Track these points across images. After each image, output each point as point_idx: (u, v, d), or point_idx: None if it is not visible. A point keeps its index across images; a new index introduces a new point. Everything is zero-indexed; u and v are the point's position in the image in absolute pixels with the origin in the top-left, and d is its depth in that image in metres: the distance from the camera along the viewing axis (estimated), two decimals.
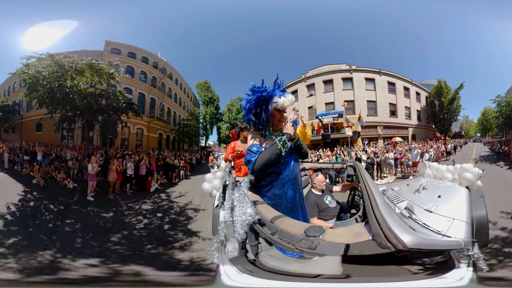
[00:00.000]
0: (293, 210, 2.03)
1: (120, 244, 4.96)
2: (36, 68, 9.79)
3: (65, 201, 7.69)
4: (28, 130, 12.57)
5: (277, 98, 1.85)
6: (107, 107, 11.15)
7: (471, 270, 1.36)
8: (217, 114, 19.68)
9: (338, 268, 1.46)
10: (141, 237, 5.44)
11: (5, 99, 12.78)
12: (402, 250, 1.18)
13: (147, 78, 14.69)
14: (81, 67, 10.43)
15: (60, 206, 7.28)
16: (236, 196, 1.61)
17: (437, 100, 17.20)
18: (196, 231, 5.58)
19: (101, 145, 12.42)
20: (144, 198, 8.38)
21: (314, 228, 1.36)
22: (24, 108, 12.85)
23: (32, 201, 7.52)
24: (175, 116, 17.07)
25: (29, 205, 7.28)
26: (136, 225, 6.19)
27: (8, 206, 6.78)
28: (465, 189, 3.15)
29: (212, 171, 5.09)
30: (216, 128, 19.77)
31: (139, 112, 13.33)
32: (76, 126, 11.61)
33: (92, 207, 7.22)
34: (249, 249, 1.66)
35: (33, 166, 9.83)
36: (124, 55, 13.82)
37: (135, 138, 14.04)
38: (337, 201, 3.27)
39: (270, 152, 1.78)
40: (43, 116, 10.86)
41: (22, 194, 7.85)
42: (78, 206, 7.31)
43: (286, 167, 1.98)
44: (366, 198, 1.62)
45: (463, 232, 2.02)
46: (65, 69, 10.06)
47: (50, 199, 7.73)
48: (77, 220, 6.25)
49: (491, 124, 19.63)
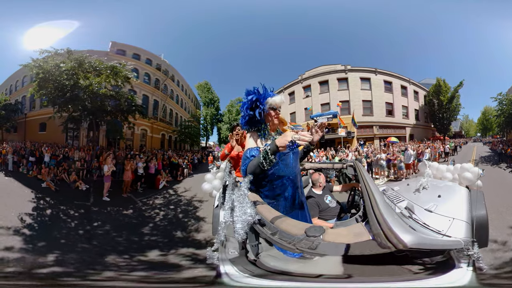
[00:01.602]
0: (293, 209, 2.04)
1: (154, 235, 5.81)
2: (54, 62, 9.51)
3: (83, 204, 7.55)
4: (31, 130, 12.27)
5: (269, 98, 1.96)
6: (115, 108, 11.22)
7: (471, 269, 1.36)
8: (217, 115, 20.05)
9: (339, 268, 1.47)
10: (166, 226, 6.41)
11: (8, 98, 12.46)
12: (403, 250, 1.18)
13: (150, 80, 14.92)
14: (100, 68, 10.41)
15: (80, 210, 7.12)
16: (236, 196, 1.62)
17: (435, 99, 16.77)
18: (203, 216, 6.68)
19: (107, 145, 12.45)
20: (155, 194, 9.04)
21: (315, 228, 1.36)
22: (27, 106, 12.57)
23: (48, 208, 6.99)
24: (176, 117, 17.52)
25: (46, 213, 6.70)
26: (155, 217, 7.00)
27: (21, 218, 6.01)
28: (465, 189, 3.15)
29: (212, 172, 5.09)
30: (217, 128, 20.19)
31: (146, 114, 13.71)
32: (82, 126, 11.51)
33: (111, 207, 7.49)
34: (249, 250, 1.66)
35: (40, 168, 9.28)
36: (129, 56, 13.98)
37: (139, 139, 14.34)
38: (337, 201, 3.28)
39: (255, 164, 1.74)
40: (52, 115, 10.62)
41: (34, 201, 7.29)
42: (97, 207, 7.40)
43: (286, 166, 1.99)
44: (366, 198, 1.62)
45: (463, 232, 2.02)
46: (83, 67, 9.93)
47: (66, 204, 7.34)
48: (104, 222, 6.42)
49: (491, 124, 19.36)
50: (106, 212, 7.12)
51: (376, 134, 16.52)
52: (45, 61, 9.54)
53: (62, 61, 9.69)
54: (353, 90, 16.62)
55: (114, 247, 4.87)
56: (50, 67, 9.46)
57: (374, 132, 16.53)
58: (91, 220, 6.49)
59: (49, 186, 8.45)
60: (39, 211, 6.76)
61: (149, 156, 11.00)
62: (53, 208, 7.10)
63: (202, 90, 19.58)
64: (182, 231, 5.94)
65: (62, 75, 9.52)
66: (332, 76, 17.05)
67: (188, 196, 8.68)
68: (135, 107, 12.11)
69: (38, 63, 9.49)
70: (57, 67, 9.51)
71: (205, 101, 19.75)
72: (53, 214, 6.74)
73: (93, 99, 10.09)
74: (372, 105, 16.57)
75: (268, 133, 2.03)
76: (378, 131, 16.60)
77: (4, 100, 12.11)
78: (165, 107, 16.10)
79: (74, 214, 6.86)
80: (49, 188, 8.39)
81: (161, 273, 3.80)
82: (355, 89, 16.63)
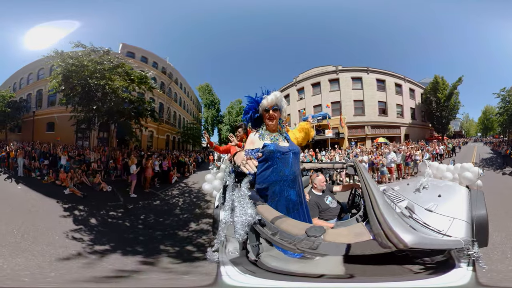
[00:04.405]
0: (293, 209, 2.04)
1: (183, 214, 7.45)
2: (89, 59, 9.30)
3: (117, 204, 7.69)
4: (38, 129, 11.57)
5: (262, 101, 2.08)
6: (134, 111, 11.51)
7: (470, 269, 1.36)
8: (218, 116, 20.60)
9: (341, 268, 1.47)
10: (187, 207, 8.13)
11: (14, 94, 11.83)
12: (403, 250, 1.19)
13: (156, 83, 15.28)
14: (134, 74, 10.75)
15: (118, 209, 7.27)
16: (237, 196, 1.62)
17: (433, 97, 16.02)
18: (210, 199, 7.67)
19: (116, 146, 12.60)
20: (171, 187, 10.48)
21: (315, 228, 1.36)
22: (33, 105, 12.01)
23: (90, 216, 6.39)
24: (180, 119, 18.34)
25: (92, 222, 6.11)
26: (178, 203, 8.67)
27: (72, 236, 5.13)
28: (465, 189, 3.15)
29: (212, 172, 5.09)
30: (217, 129, 20.67)
31: (158, 118, 14.23)
32: (94, 127, 11.49)
33: (142, 201, 8.28)
34: (250, 250, 1.66)
35: (57, 172, 8.29)
36: (138, 59, 14.39)
37: (147, 140, 15.11)
38: (337, 201, 3.28)
39: None
40: (74, 115, 10.44)
41: (68, 213, 6.37)
42: (132, 204, 7.98)
43: (286, 167, 2.00)
44: (366, 198, 1.62)
45: (463, 232, 2.02)
46: (116, 70, 10.01)
47: (103, 208, 7.11)
48: (146, 215, 7.11)
49: (492, 123, 18.89)
50: (141, 207, 7.89)
51: (368, 134, 16.17)
52: (75, 56, 9.24)
53: (97, 59, 9.55)
54: (344, 90, 16.48)
55: (170, 227, 6.29)
56: (88, 63, 9.26)
57: (366, 133, 16.20)
58: (136, 215, 7.06)
59: (73, 192, 7.66)
60: (83, 223, 5.99)
61: (163, 155, 12.34)
62: (94, 215, 6.66)
63: (203, 92, 20.14)
64: (198, 209, 7.88)
65: (95, 74, 9.33)
66: (324, 78, 17.04)
67: (196, 188, 10.29)
68: (150, 111, 12.61)
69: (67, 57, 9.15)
70: (96, 64, 9.39)
71: (206, 103, 20.28)
72: (100, 221, 6.35)
73: (117, 102, 10.21)
74: (364, 105, 16.29)
75: (264, 133, 2.08)
76: (370, 131, 16.23)
77: (9, 97, 11.47)
78: (169, 109, 16.83)
79: (118, 215, 6.97)
80: (74, 195, 7.63)
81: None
82: (346, 89, 16.48)
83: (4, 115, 11.20)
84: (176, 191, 10.03)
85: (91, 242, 5.07)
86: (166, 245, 5.04)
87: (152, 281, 3.55)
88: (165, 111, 16.33)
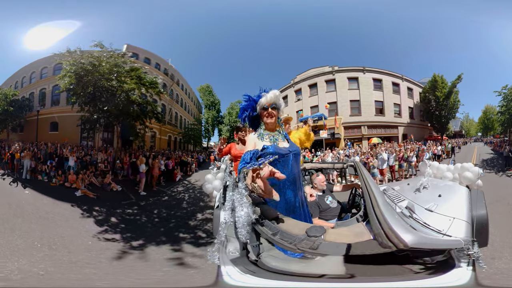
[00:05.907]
0: (293, 210, 2.04)
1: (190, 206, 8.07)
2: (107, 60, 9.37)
3: (130, 202, 8.03)
4: (41, 129, 11.30)
5: (260, 99, 2.05)
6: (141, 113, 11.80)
7: (471, 269, 1.36)
8: (218, 117, 20.73)
9: (341, 268, 1.47)
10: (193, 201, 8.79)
11: (17, 92, 11.49)
12: (403, 250, 1.19)
13: (166, 89, 15.64)
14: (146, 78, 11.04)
15: (133, 207, 7.57)
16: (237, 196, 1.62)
17: (432, 95, 15.64)
18: None
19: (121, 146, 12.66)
20: (176, 185, 11.16)
21: (315, 228, 1.36)
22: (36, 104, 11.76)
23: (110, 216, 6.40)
24: (181, 120, 18.68)
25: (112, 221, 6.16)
26: (185, 198, 9.33)
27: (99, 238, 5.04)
28: (466, 188, 3.15)
29: (212, 172, 5.11)
30: (218, 130, 20.77)
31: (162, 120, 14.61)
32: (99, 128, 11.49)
33: (152, 198, 8.80)
34: (250, 250, 1.66)
35: (65, 174, 8.03)
36: (141, 60, 14.46)
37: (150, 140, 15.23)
38: (338, 201, 3.28)
39: None
40: (83, 114, 10.49)
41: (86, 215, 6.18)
42: (143, 201, 8.36)
43: (285, 168, 1.99)
44: (367, 197, 1.63)
45: (463, 231, 2.02)
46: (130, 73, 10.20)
47: (118, 207, 7.22)
48: (159, 211, 7.51)
49: (493, 123, 18.66)
50: (152, 203, 8.33)
51: (365, 134, 16.00)
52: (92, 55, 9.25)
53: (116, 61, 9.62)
54: (341, 91, 16.40)
55: (181, 218, 6.81)
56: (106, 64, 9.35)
57: (362, 133, 16.04)
58: (150, 211, 7.43)
59: (86, 194, 7.49)
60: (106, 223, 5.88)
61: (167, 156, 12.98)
62: (112, 215, 6.64)
63: (203, 93, 20.27)
64: (202, 202, 8.39)
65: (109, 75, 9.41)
66: (321, 79, 16.99)
67: (199, 184, 10.70)
68: (156, 113, 12.91)
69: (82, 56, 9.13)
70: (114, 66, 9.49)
71: (206, 104, 20.42)
72: (120, 220, 6.37)
73: (126, 103, 10.42)
74: (360, 105, 16.15)
75: (263, 133, 2.07)
76: (367, 131, 16.05)
77: (12, 95, 11.06)
78: (171, 111, 17.15)
79: (134, 212, 7.27)
80: (86, 196, 7.45)
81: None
82: (342, 90, 16.39)
83: (7, 114, 10.82)
84: (181, 188, 10.79)
85: (125, 239, 5.06)
86: (184, 232, 5.64)
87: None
88: (167, 112, 16.67)
